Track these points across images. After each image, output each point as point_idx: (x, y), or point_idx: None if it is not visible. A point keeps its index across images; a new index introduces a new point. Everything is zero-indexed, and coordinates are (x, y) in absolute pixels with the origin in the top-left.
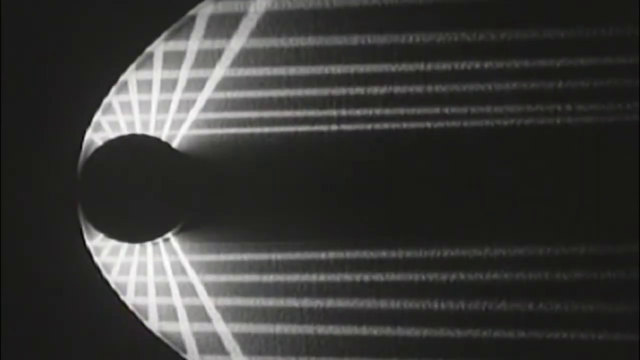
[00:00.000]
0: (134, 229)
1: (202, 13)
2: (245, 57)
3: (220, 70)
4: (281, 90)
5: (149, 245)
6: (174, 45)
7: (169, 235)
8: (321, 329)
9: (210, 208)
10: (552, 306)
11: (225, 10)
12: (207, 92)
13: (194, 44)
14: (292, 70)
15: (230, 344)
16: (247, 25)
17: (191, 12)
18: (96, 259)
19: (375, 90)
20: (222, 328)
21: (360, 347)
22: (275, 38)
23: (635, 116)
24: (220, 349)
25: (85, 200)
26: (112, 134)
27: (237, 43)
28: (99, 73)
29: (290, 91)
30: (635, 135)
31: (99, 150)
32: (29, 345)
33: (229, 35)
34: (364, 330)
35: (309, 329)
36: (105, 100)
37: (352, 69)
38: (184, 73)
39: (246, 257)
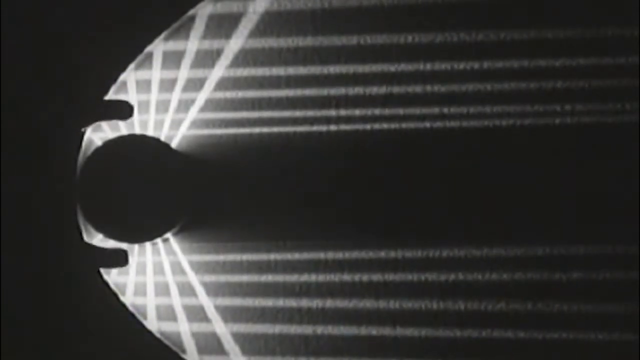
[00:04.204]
0: (133, 229)
1: (202, 13)
2: (244, 57)
3: (219, 71)
4: (280, 91)
5: (148, 245)
6: (173, 45)
7: (168, 235)
8: (320, 329)
9: (209, 208)
10: (551, 306)
11: (224, 11)
12: (206, 92)
13: (193, 43)
14: (291, 70)
15: (229, 344)
16: (246, 25)
17: (190, 12)
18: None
19: (374, 90)
20: (221, 328)
21: (360, 347)
22: (274, 38)
23: (635, 116)
24: (220, 349)
25: (84, 200)
26: (111, 134)
27: (236, 43)
28: (98, 73)
29: (289, 91)
30: (635, 135)
31: (98, 150)
32: (28, 345)
33: (228, 36)
34: (363, 331)
35: (308, 329)
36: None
37: (351, 69)
38: (183, 73)
39: (245, 257)
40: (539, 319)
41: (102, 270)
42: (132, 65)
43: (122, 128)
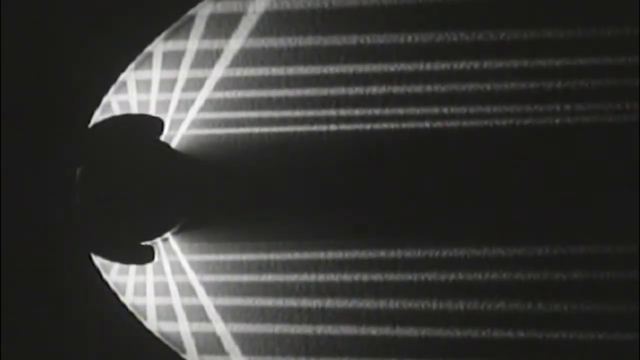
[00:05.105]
0: (133, 229)
1: (202, 13)
2: (244, 57)
3: (219, 70)
4: (280, 90)
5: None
6: (173, 45)
7: (168, 235)
8: (320, 329)
9: (209, 208)
10: (551, 306)
11: (224, 10)
12: (206, 92)
13: (193, 43)
14: (291, 70)
15: (229, 344)
16: (246, 25)
17: (190, 12)
18: (95, 259)
19: (374, 90)
20: (221, 328)
21: (359, 347)
22: (274, 38)
23: (634, 116)
24: (220, 349)
25: (84, 200)
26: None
27: (236, 43)
28: (98, 72)
29: (289, 91)
30: (635, 135)
31: (98, 150)
32: (29, 345)
33: (227, 35)
34: (362, 330)
35: (307, 329)
36: (104, 100)
37: (350, 68)
38: (183, 73)
39: (245, 257)
40: (539, 319)
41: (101, 270)
42: (132, 65)
43: None
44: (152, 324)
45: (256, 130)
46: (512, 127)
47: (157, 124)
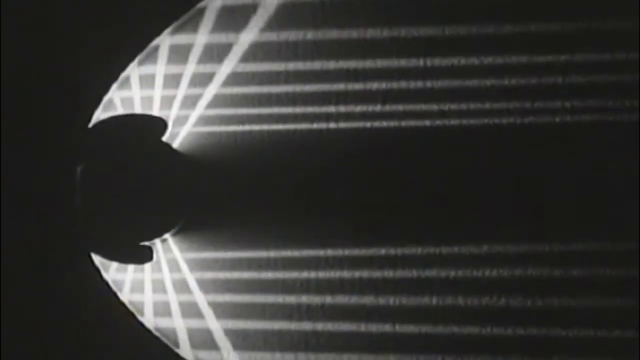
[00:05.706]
0: (133, 229)
1: (212, 6)
2: (244, 55)
3: (224, 66)
4: (279, 87)
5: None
6: (180, 38)
7: (167, 236)
8: (320, 326)
9: (210, 207)
10: (550, 303)
11: (235, 3)
12: (212, 89)
13: (201, 37)
14: (291, 66)
15: (229, 341)
16: (255, 20)
17: (200, 5)
18: (95, 259)
19: (374, 86)
20: (221, 325)
21: (359, 344)
22: (275, 33)
23: (635, 114)
24: (219, 346)
25: (85, 200)
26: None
27: (246, 37)
28: (103, 67)
29: (289, 87)
30: (635, 134)
31: (98, 149)
32: (28, 342)
33: (237, 30)
34: (362, 327)
35: (307, 326)
36: (107, 97)
37: (350, 64)
38: (189, 68)
39: (245, 254)
40: (539, 316)
41: (100, 268)
42: (135, 60)
43: None
44: (148, 320)
45: (256, 127)
46: (512, 124)
47: (159, 124)
